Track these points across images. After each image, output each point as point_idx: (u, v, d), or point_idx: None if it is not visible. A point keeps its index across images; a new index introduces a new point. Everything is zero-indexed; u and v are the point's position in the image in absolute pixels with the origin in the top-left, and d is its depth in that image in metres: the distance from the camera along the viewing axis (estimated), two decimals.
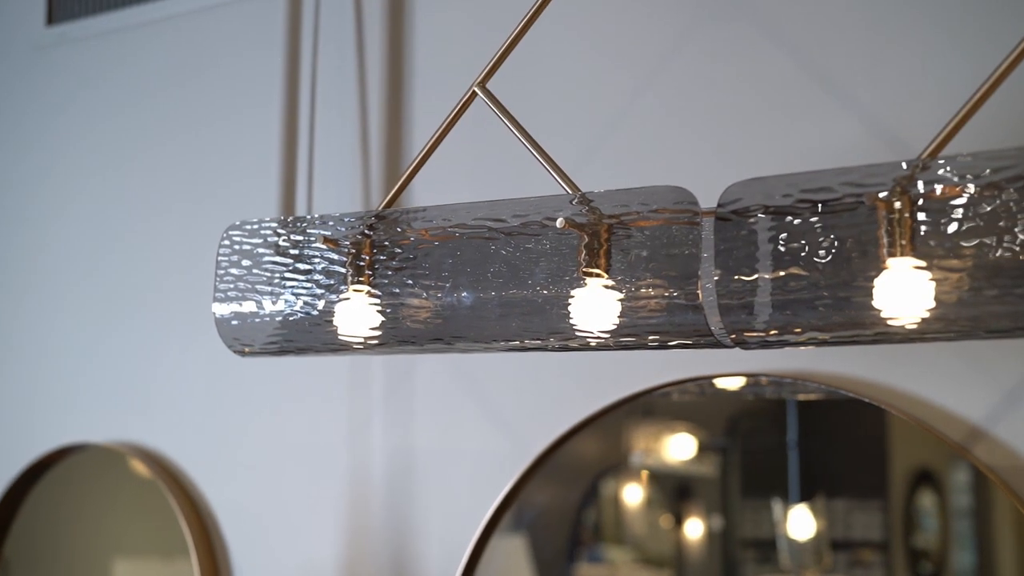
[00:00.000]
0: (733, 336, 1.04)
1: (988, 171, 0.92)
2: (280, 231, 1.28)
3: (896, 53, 1.44)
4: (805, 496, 1.49)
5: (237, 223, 1.32)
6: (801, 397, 1.50)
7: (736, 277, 1.02)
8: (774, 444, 1.52)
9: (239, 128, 1.99)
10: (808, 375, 1.45)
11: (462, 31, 1.80)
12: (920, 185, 0.95)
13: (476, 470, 1.67)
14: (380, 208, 1.26)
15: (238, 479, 1.91)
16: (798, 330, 1.01)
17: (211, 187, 2.01)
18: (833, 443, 1.50)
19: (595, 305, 1.11)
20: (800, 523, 1.49)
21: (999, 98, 0.99)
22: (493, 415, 1.67)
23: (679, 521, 1.60)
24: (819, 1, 1.50)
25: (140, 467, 1.98)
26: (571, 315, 1.12)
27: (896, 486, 1.45)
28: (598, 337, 1.11)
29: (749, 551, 1.56)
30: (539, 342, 1.15)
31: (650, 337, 1.09)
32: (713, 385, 1.54)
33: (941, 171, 0.94)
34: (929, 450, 1.43)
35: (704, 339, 1.07)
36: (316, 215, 1.29)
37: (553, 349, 1.15)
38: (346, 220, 1.25)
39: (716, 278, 1.03)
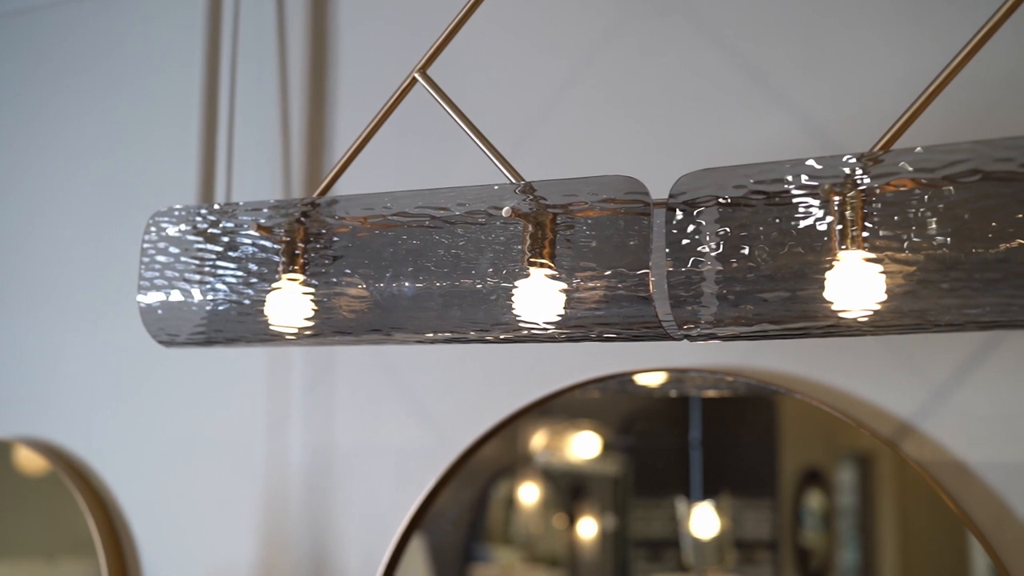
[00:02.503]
0: (683, 328, 1.03)
1: (942, 165, 0.93)
2: (211, 217, 1.24)
3: (828, 49, 1.45)
4: (707, 494, 1.49)
5: (164, 209, 1.28)
6: (707, 395, 1.51)
7: (686, 269, 1.01)
8: (676, 443, 1.52)
9: (154, 114, 1.94)
10: (737, 370, 1.45)
11: (385, 17, 1.77)
12: (873, 178, 0.96)
13: (399, 467, 1.65)
14: (315, 195, 1.23)
15: (148, 475, 1.86)
16: (748, 323, 1.01)
17: (123, 174, 1.95)
18: (733, 441, 1.51)
19: (539, 296, 1.09)
20: (702, 522, 1.50)
21: (950, 91, 0.99)
22: (417, 411, 1.64)
23: (572, 520, 1.60)
24: None
25: (38, 461, 1.91)
26: (515, 306, 1.10)
27: (785, 485, 1.47)
28: (543, 329, 1.10)
29: (643, 550, 1.56)
30: (482, 334, 1.13)
31: (597, 329, 1.07)
32: (634, 382, 1.54)
33: (894, 164, 0.95)
34: (817, 449, 1.45)
35: (653, 331, 1.06)
36: (248, 201, 1.26)
37: (496, 341, 1.13)
38: (280, 207, 1.21)
39: (667, 270, 1.02)
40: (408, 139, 1.64)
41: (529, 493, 1.62)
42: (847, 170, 0.97)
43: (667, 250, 1.02)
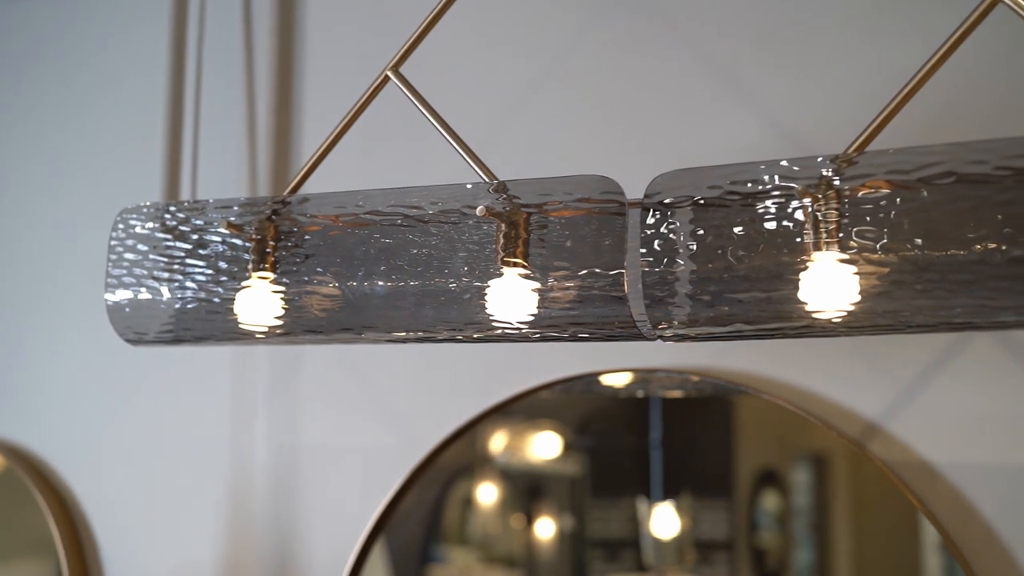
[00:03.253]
0: (657, 328, 1.03)
1: (916, 167, 0.93)
2: (180, 215, 1.23)
3: (798, 51, 1.45)
4: (667, 495, 1.50)
5: (133, 206, 1.27)
6: (668, 395, 1.52)
7: (661, 269, 1.01)
8: (636, 443, 1.53)
9: (119, 112, 1.92)
10: (705, 371, 1.46)
11: (352, 15, 1.76)
12: (847, 179, 0.96)
13: (365, 468, 1.64)
14: (286, 193, 1.22)
15: (110, 474, 1.84)
16: (723, 323, 1.01)
17: (87, 171, 1.93)
18: (693, 442, 1.52)
19: (513, 295, 1.09)
20: (662, 522, 1.50)
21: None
22: (383, 411, 1.64)
23: (530, 521, 1.60)
24: None
25: None
26: (488, 306, 1.10)
27: (742, 485, 1.47)
28: (516, 328, 1.09)
29: (600, 550, 1.56)
30: (455, 333, 1.12)
31: (571, 329, 1.07)
32: (599, 383, 1.54)
33: (869, 166, 0.95)
34: (773, 450, 1.46)
35: (627, 331, 1.06)
36: (218, 199, 1.24)
37: (469, 340, 1.13)
38: (250, 205, 1.20)
39: (642, 270, 1.02)
40: (376, 138, 1.63)
41: (487, 493, 1.62)
42: (822, 171, 0.97)
43: (642, 250, 1.02)
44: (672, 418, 1.51)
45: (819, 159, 0.98)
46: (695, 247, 1.01)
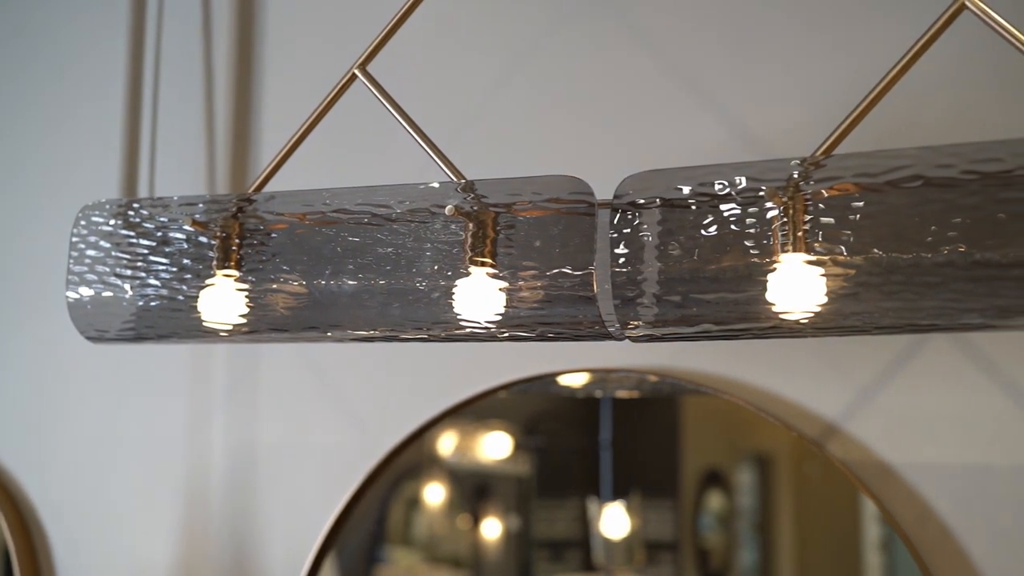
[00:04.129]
0: (625, 328, 1.04)
1: (884, 170, 0.94)
2: (143, 211, 1.22)
3: (757, 55, 1.47)
4: (615, 495, 1.51)
5: (95, 202, 1.25)
6: (619, 395, 1.53)
7: (629, 269, 1.02)
8: (584, 443, 1.54)
9: (76, 107, 1.90)
10: (665, 371, 1.47)
11: (312, 13, 1.76)
12: (816, 182, 0.97)
13: (324, 467, 1.63)
14: (250, 191, 1.21)
15: (64, 474, 1.82)
16: (691, 323, 1.02)
17: (42, 168, 1.91)
18: (640, 442, 1.52)
19: (481, 295, 1.09)
20: (611, 522, 1.51)
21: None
22: (343, 409, 1.63)
23: (477, 521, 1.60)
24: (680, 1, 1.52)
25: None
26: (456, 305, 1.10)
27: (687, 486, 1.49)
28: (484, 328, 1.09)
29: (546, 550, 1.57)
30: (422, 332, 1.12)
31: (539, 328, 1.07)
32: (557, 383, 1.54)
33: (837, 169, 0.96)
34: (718, 450, 1.47)
35: (596, 332, 1.06)
36: (182, 196, 1.24)
37: (437, 339, 1.13)
38: (215, 202, 1.20)
39: (611, 270, 1.02)
40: (338, 136, 1.63)
41: (434, 494, 1.62)
42: (790, 174, 0.98)
43: (611, 251, 1.03)
44: (623, 418, 1.52)
45: (787, 161, 0.99)
46: (664, 248, 1.01)
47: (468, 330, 1.10)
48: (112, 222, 1.23)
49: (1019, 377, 1.30)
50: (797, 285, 0.97)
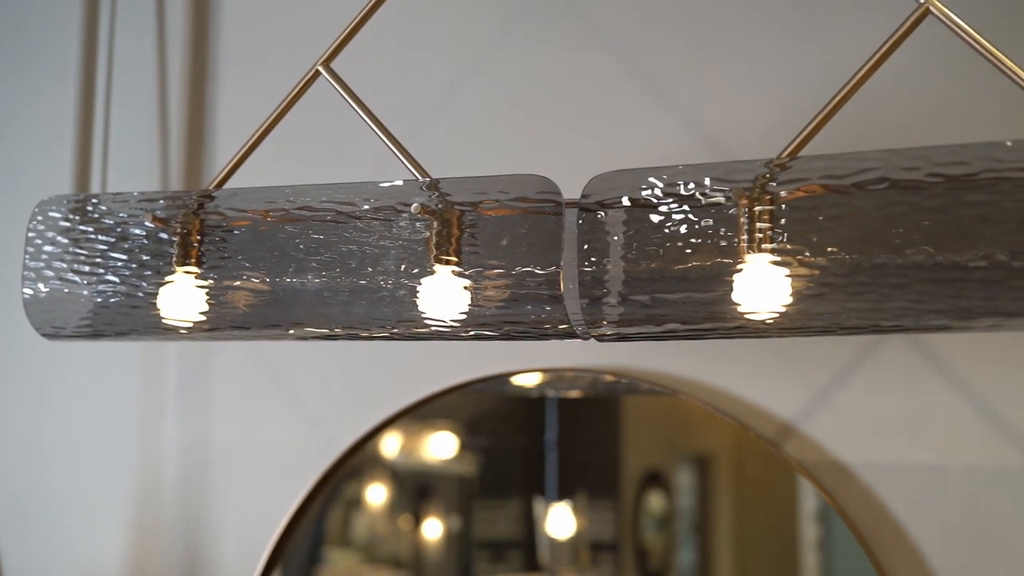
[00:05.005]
0: (591, 328, 1.04)
1: (850, 172, 0.95)
2: (102, 207, 1.21)
3: (716, 55, 1.48)
4: (560, 495, 1.52)
5: (52, 197, 1.24)
6: (566, 395, 1.53)
7: (596, 269, 1.02)
8: (528, 443, 1.54)
9: (27, 103, 1.87)
10: (622, 371, 1.47)
11: (266, 10, 1.75)
12: (782, 183, 0.98)
13: (278, 467, 1.62)
14: (212, 187, 1.20)
15: (10, 474, 1.79)
16: (657, 322, 1.02)
17: None
18: (583, 442, 1.53)
19: (445, 293, 1.09)
20: (555, 522, 1.52)
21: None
22: (298, 407, 1.62)
23: (418, 521, 1.60)
24: (640, 1, 1.53)
25: None
26: (421, 303, 1.10)
27: (627, 486, 1.50)
28: (449, 326, 1.09)
29: (486, 551, 1.57)
30: (387, 330, 1.12)
31: (505, 327, 1.07)
32: (511, 383, 1.54)
33: (805, 170, 0.97)
34: (659, 451, 1.49)
35: (561, 331, 1.06)
36: (143, 191, 1.22)
37: (401, 338, 1.13)
38: (176, 198, 1.18)
39: (577, 270, 1.02)
40: (293, 133, 1.62)
41: (376, 494, 1.61)
42: (757, 175, 0.98)
43: (577, 250, 1.03)
44: (569, 418, 1.53)
45: (754, 163, 0.99)
46: (630, 248, 1.02)
47: (432, 328, 1.10)
48: (70, 217, 1.22)
49: (973, 378, 1.32)
50: (763, 285, 0.98)
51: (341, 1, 1.27)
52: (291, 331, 1.15)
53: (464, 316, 1.08)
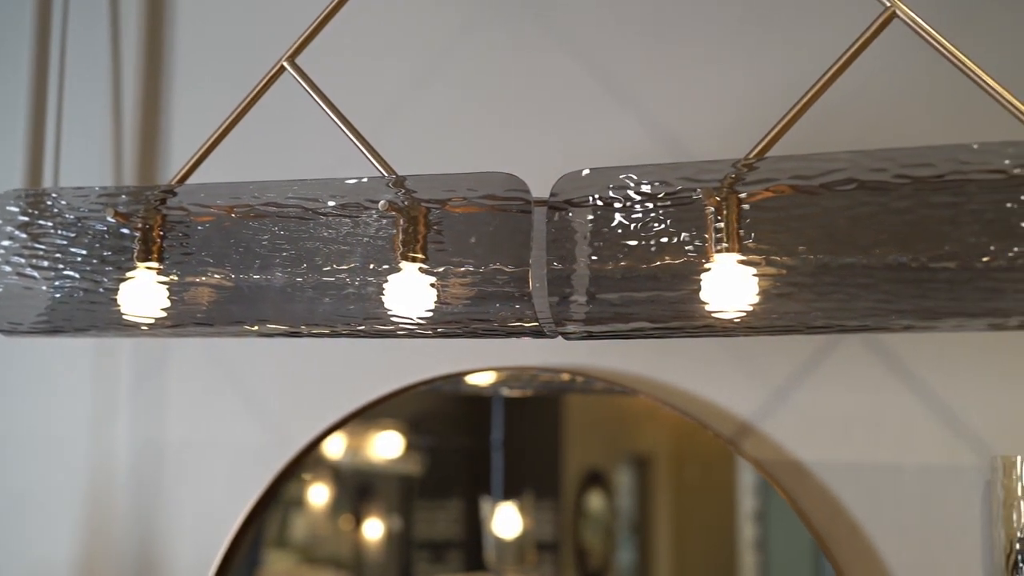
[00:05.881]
0: (560, 326, 1.04)
1: (819, 173, 0.96)
2: (63, 202, 1.19)
3: (676, 56, 1.49)
4: (506, 495, 1.52)
5: (10, 191, 1.22)
6: (510, 394, 1.54)
7: (565, 267, 1.02)
8: (472, 443, 1.55)
9: None
10: (581, 370, 1.47)
11: (218, 5, 1.74)
12: (751, 183, 0.99)
13: (234, 464, 1.61)
14: (173, 182, 1.19)
15: None
16: (625, 321, 1.03)
17: None
18: (525, 442, 1.54)
19: (412, 291, 1.08)
20: (501, 522, 1.52)
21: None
22: (254, 406, 1.61)
23: (359, 521, 1.59)
24: (600, 2, 1.53)
25: None
26: (387, 301, 1.09)
27: (568, 486, 1.51)
28: (416, 324, 1.09)
29: (426, 551, 1.57)
30: (353, 328, 1.11)
31: (473, 325, 1.07)
32: (465, 381, 1.54)
33: (773, 170, 0.98)
34: (599, 451, 1.50)
35: (529, 329, 1.06)
36: (104, 186, 1.21)
37: (368, 335, 1.12)
38: (138, 193, 1.17)
39: (546, 268, 1.02)
40: (251, 129, 1.61)
41: (318, 494, 1.61)
42: (726, 175, 0.99)
43: (546, 248, 1.03)
44: (515, 418, 1.53)
45: (722, 163, 1.00)
46: (599, 246, 1.02)
47: (399, 326, 1.10)
48: (29, 212, 1.20)
49: (928, 378, 1.34)
50: (730, 285, 0.99)
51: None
52: (256, 328, 1.14)
53: (430, 314, 1.08)
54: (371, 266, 1.09)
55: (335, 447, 1.57)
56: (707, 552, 1.44)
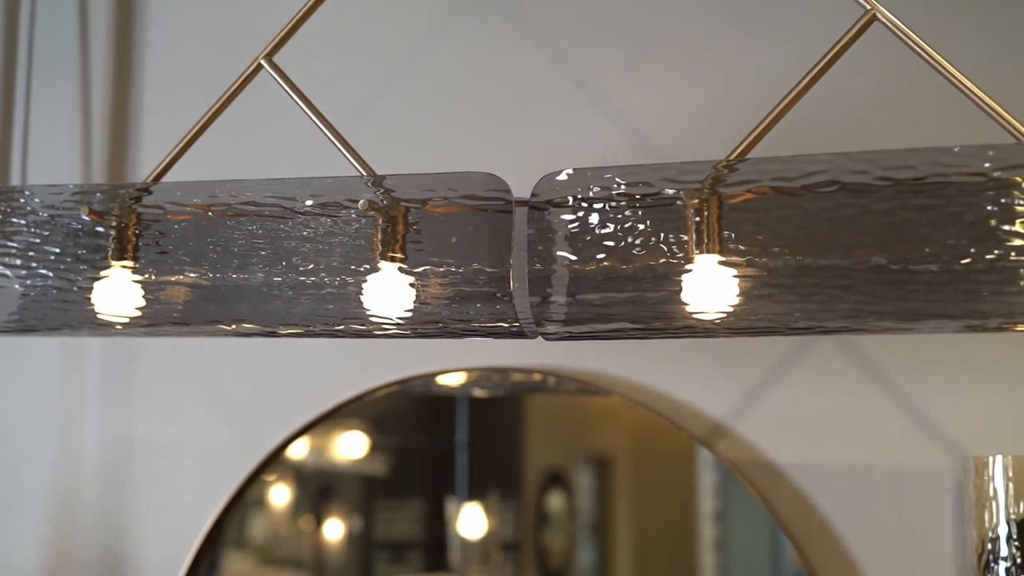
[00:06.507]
0: (540, 326, 1.04)
1: (800, 175, 0.97)
2: (36, 199, 1.17)
3: (649, 58, 1.49)
4: (471, 495, 1.52)
5: None
6: (476, 395, 1.54)
7: (545, 268, 1.02)
8: (435, 444, 1.55)
9: None
10: (556, 370, 1.48)
11: (190, 4, 1.73)
12: (732, 184, 0.99)
13: (203, 465, 1.60)
14: (149, 180, 1.18)
15: None
16: (605, 321, 1.03)
17: None
18: (486, 442, 1.54)
19: (391, 291, 1.08)
20: (465, 522, 1.52)
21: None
22: (224, 405, 1.60)
23: (320, 522, 1.59)
24: (575, 2, 1.53)
25: None
26: (366, 300, 1.09)
27: (529, 487, 1.51)
28: (395, 324, 1.08)
29: (387, 551, 1.57)
30: (331, 327, 1.11)
31: (453, 325, 1.07)
32: (436, 383, 1.54)
33: (755, 172, 0.98)
34: (560, 452, 1.50)
35: (509, 329, 1.06)
36: (78, 184, 1.19)
37: (346, 335, 1.11)
38: (113, 191, 1.16)
39: (527, 268, 1.02)
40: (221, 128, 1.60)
41: (280, 495, 1.60)
42: (708, 176, 0.99)
43: (527, 249, 1.03)
44: (479, 418, 1.54)
45: (704, 163, 1.00)
46: (580, 247, 1.02)
47: (378, 326, 1.09)
48: (1, 208, 1.18)
49: (900, 380, 1.35)
50: (711, 286, 0.99)
51: None
52: (233, 327, 1.13)
53: (409, 314, 1.08)
54: (350, 266, 1.08)
55: (299, 447, 1.56)
56: (667, 552, 1.45)
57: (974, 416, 1.33)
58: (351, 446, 1.57)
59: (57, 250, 1.16)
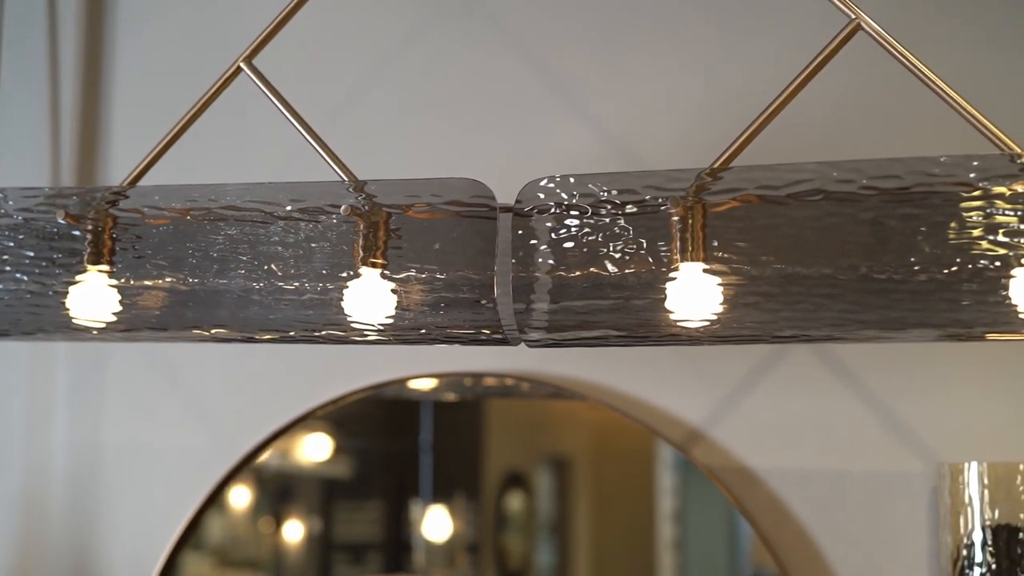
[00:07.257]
0: (523, 333, 1.04)
1: (786, 183, 0.97)
2: (9, 202, 1.16)
3: (625, 64, 1.49)
4: (435, 497, 1.52)
5: None
6: (443, 398, 1.54)
7: (529, 275, 1.02)
8: (398, 446, 1.55)
9: None
10: (532, 375, 1.47)
11: (162, 8, 1.71)
12: (717, 192, 0.99)
13: (174, 470, 1.58)
14: (125, 184, 1.17)
15: None
16: (589, 328, 1.03)
17: None
18: (448, 445, 1.55)
19: (372, 297, 1.07)
20: (430, 524, 1.52)
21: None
22: (194, 409, 1.58)
23: (279, 524, 1.58)
24: (551, 7, 1.53)
25: None
26: (347, 306, 1.08)
27: (489, 488, 1.51)
28: (376, 330, 1.08)
29: (346, 553, 1.57)
30: (312, 333, 1.10)
31: (437, 332, 1.06)
32: (407, 387, 1.54)
33: (740, 180, 0.98)
34: (520, 453, 1.51)
35: (493, 335, 1.06)
36: (53, 187, 1.18)
37: (326, 341, 1.11)
38: (89, 194, 1.14)
39: (511, 275, 1.02)
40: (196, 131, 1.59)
41: (239, 496, 1.59)
42: (693, 184, 0.99)
43: (511, 255, 1.02)
44: (443, 422, 1.54)
45: (690, 171, 1.00)
46: (564, 254, 1.01)
47: (359, 332, 1.08)
48: None
49: (876, 387, 1.35)
50: (695, 293, 0.99)
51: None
52: (211, 333, 1.12)
53: (391, 320, 1.07)
54: (331, 271, 1.07)
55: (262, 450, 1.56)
56: (626, 552, 1.45)
57: (949, 423, 1.34)
58: (314, 449, 1.57)
59: (31, 254, 1.15)
